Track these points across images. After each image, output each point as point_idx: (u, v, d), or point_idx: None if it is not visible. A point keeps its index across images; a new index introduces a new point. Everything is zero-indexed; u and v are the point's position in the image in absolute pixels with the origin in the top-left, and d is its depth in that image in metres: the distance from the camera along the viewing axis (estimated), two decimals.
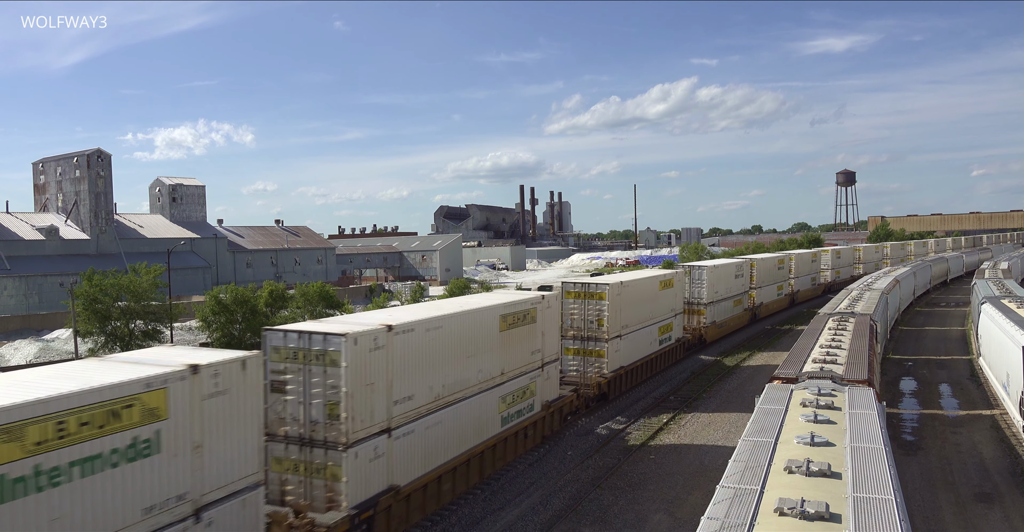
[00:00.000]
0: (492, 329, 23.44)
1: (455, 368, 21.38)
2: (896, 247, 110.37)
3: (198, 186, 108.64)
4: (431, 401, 20.20)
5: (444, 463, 20.64)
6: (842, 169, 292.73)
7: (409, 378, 19.21)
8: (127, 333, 42.62)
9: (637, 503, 21.34)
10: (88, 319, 41.98)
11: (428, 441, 19.99)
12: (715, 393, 34.87)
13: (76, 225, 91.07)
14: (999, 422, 28.59)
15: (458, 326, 21.57)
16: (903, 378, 37.25)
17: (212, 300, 46.89)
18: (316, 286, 55.02)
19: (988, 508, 20.31)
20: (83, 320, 42.32)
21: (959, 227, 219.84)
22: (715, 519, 9.26)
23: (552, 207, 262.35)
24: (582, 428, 29.35)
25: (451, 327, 21.20)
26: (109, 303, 42.00)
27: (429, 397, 20.10)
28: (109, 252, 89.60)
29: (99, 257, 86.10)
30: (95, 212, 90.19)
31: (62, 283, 75.85)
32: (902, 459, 23.92)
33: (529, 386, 25.99)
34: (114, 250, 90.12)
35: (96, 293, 41.85)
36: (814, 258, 76.88)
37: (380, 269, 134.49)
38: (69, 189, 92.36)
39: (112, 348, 42.54)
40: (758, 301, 58.10)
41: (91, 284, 42.17)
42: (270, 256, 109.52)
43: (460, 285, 69.37)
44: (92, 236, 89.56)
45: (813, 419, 13.55)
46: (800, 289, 70.00)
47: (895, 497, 9.69)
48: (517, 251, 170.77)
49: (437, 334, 20.42)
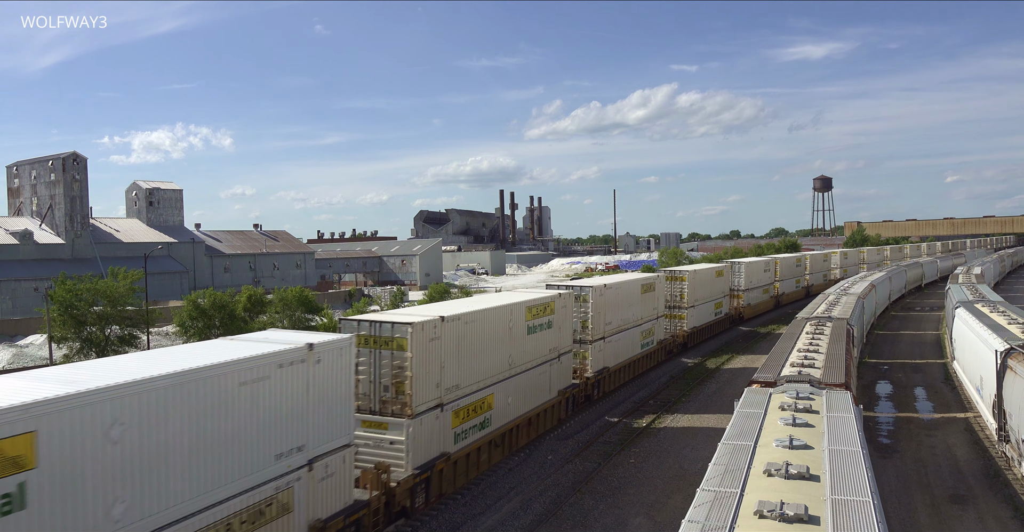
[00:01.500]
0: (520, 321, 26.64)
1: (491, 354, 24.51)
2: (872, 252, 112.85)
3: (175, 190, 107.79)
4: (473, 382, 23.33)
5: (482, 436, 23.77)
6: (819, 175, 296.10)
7: (456, 362, 22.35)
8: (103, 339, 42.15)
9: (617, 507, 21.42)
10: (63, 324, 41.47)
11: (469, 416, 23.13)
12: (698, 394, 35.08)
13: (51, 229, 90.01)
14: (973, 425, 29.00)
15: (494, 318, 24.73)
16: (879, 381, 37.68)
17: (190, 305, 46.52)
18: (295, 291, 54.74)
19: (962, 509, 20.59)
20: (58, 325, 41.79)
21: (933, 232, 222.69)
22: (695, 522, 9.33)
23: (532, 212, 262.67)
24: (562, 433, 29.42)
25: (488, 319, 24.32)
26: (85, 308, 41.53)
27: (471, 379, 23.21)
28: (85, 257, 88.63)
29: (74, 262, 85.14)
30: (70, 216, 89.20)
31: (36, 288, 74.94)
32: (878, 461, 24.19)
33: (548, 371, 29.06)
34: (90, 255, 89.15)
35: (71, 298, 41.36)
36: (798, 262, 79.28)
37: (359, 274, 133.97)
38: (44, 193, 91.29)
39: (88, 354, 42.05)
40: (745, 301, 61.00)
41: (66, 289, 41.68)
42: (248, 261, 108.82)
43: (440, 290, 69.27)
44: (67, 240, 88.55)
45: (791, 422, 13.69)
46: (785, 292, 72.94)
47: (872, 499, 9.81)
48: (497, 256, 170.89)
49: (477, 325, 23.55)
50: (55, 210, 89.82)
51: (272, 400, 14.91)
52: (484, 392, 23.94)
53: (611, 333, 35.33)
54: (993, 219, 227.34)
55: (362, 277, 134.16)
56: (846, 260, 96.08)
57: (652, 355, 42.04)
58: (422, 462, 20.47)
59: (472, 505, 21.80)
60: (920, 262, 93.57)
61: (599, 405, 33.90)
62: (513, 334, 25.95)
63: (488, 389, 24.16)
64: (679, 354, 46.82)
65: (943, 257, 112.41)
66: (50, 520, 10.57)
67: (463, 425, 22.68)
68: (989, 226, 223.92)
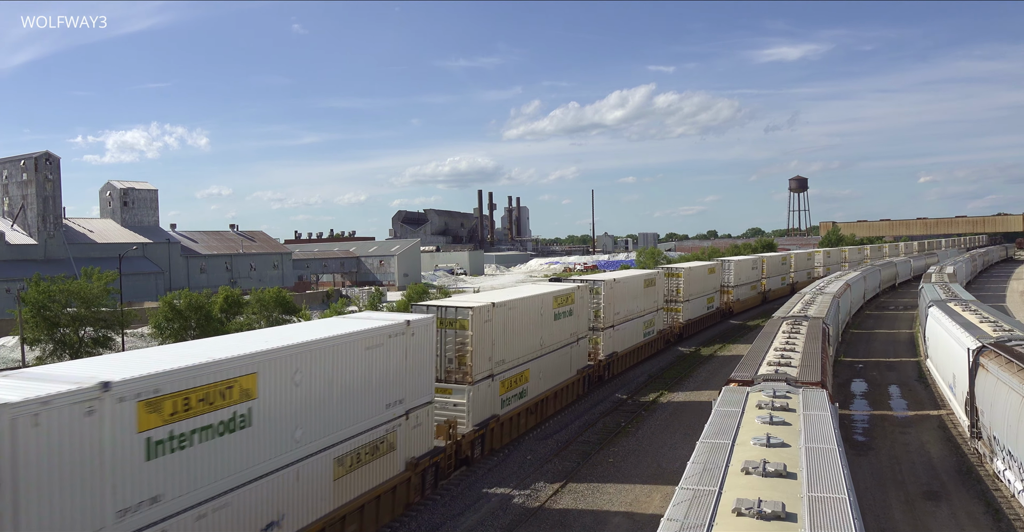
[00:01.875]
0: (549, 308, 30.93)
1: (528, 335, 28.99)
2: (854, 251, 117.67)
3: (150, 190, 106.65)
4: (515, 358, 27.87)
5: (521, 404, 28.06)
6: (795, 175, 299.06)
7: (503, 340, 26.79)
8: (76, 340, 41.65)
9: (597, 506, 21.49)
10: (36, 326, 40.93)
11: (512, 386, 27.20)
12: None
13: (23, 230, 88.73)
14: (946, 422, 29.41)
15: (530, 305, 29.21)
16: (854, 380, 38.10)
17: (166, 306, 46.11)
18: (272, 292, 54.44)
19: (936, 506, 20.88)
20: (30, 327, 41.23)
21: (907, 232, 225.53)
22: (675, 520, 9.40)
23: (510, 212, 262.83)
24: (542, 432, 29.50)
25: (526, 306, 28.83)
26: (58, 310, 41.01)
27: (513, 355, 27.74)
28: (57, 257, 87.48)
29: (47, 263, 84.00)
30: (43, 216, 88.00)
31: (8, 289, 73.77)
32: (854, 459, 24.46)
33: (569, 353, 33.31)
34: (63, 255, 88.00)
35: (44, 299, 40.83)
36: (784, 261, 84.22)
37: (337, 274, 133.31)
38: (16, 193, 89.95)
39: (61, 356, 41.52)
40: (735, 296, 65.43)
41: (39, 290, 41.13)
42: (225, 261, 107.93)
43: (418, 290, 69.11)
44: (40, 241, 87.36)
45: (769, 421, 13.81)
46: (772, 288, 76.95)
47: (848, 496, 9.93)
48: (475, 256, 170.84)
49: (518, 311, 28.13)
50: (27, 210, 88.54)
51: (384, 362, 19.31)
52: (522, 367, 28.36)
53: (619, 322, 39.30)
54: (965, 219, 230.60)
55: (340, 278, 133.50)
56: (829, 259, 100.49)
57: (653, 343, 45.85)
58: (479, 421, 24.94)
59: (451, 505, 21.82)
60: (894, 262, 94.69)
61: (610, 384, 38.13)
62: (543, 319, 30.39)
63: (525, 365, 28.61)
64: (676, 343, 50.21)
65: (916, 257, 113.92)
66: (264, 436, 15.16)
67: (507, 393, 27.28)
68: (961, 226, 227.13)
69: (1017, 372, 19.31)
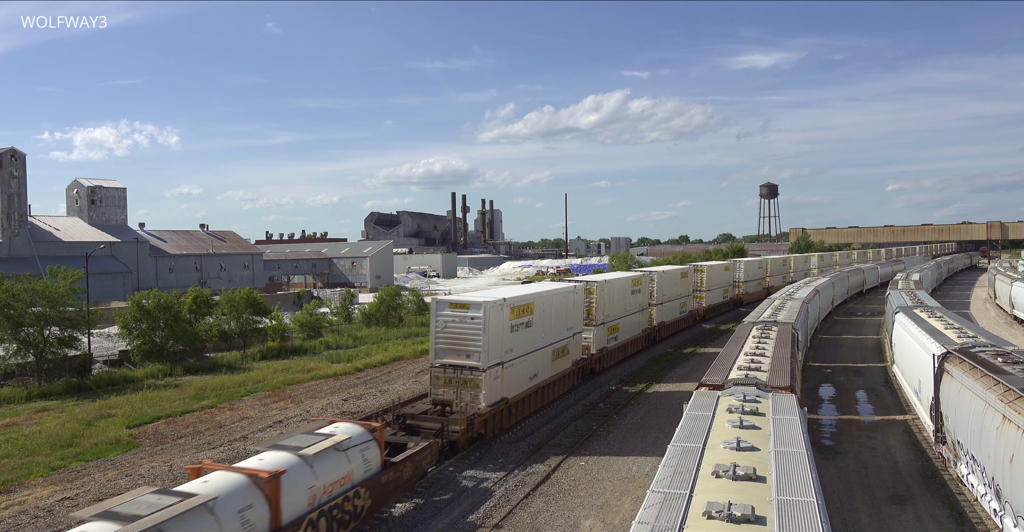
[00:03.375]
0: (629, 286, 46.09)
1: (619, 304, 43.90)
2: (844, 255, 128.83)
3: (119, 188, 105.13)
4: (614, 316, 43.20)
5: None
6: (765, 182, 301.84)
7: (607, 304, 41.92)
8: (41, 340, 40.90)
9: (568, 509, 21.52)
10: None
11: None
12: None
13: None
14: (911, 427, 29.84)
15: (620, 284, 44.31)
16: (822, 385, 38.55)
17: (134, 306, 45.45)
18: (243, 292, 53.87)
19: (901, 509, 21.17)
20: None
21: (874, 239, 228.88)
22: (646, 523, 9.45)
23: (484, 215, 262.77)
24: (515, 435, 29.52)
25: (619, 284, 44.00)
26: (22, 309, 40.23)
27: (612, 314, 42.88)
28: (22, 256, 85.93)
29: (11, 261, 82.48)
30: (7, 214, 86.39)
31: None
32: (822, 463, 24.74)
33: (640, 317, 48.95)
34: (28, 254, 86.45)
35: (8, 298, 40.03)
36: (784, 262, 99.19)
37: (309, 276, 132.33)
38: None
39: (25, 356, 40.74)
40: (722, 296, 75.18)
41: (2, 289, 40.31)
42: (194, 261, 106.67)
43: (391, 292, 68.85)
44: (4, 239, 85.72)
45: (739, 425, 13.93)
46: (748, 291, 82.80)
47: (816, 499, 10.05)
48: (448, 258, 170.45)
49: (614, 286, 43.09)
50: None
51: (567, 305, 35.20)
52: (615, 321, 43.63)
53: (665, 300, 54.44)
54: (931, 227, 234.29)
55: (311, 279, 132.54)
56: (822, 262, 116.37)
57: (686, 318, 60.96)
58: (598, 348, 40.57)
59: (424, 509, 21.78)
60: (861, 268, 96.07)
61: (660, 343, 52.34)
62: (626, 293, 45.25)
63: (617, 320, 43.84)
64: (700, 322, 66.23)
65: (883, 263, 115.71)
66: (535, 334, 31.43)
67: (609, 336, 42.73)
68: (927, 234, 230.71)
69: (980, 378, 19.65)
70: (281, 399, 36.93)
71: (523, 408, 31.35)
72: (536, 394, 32.48)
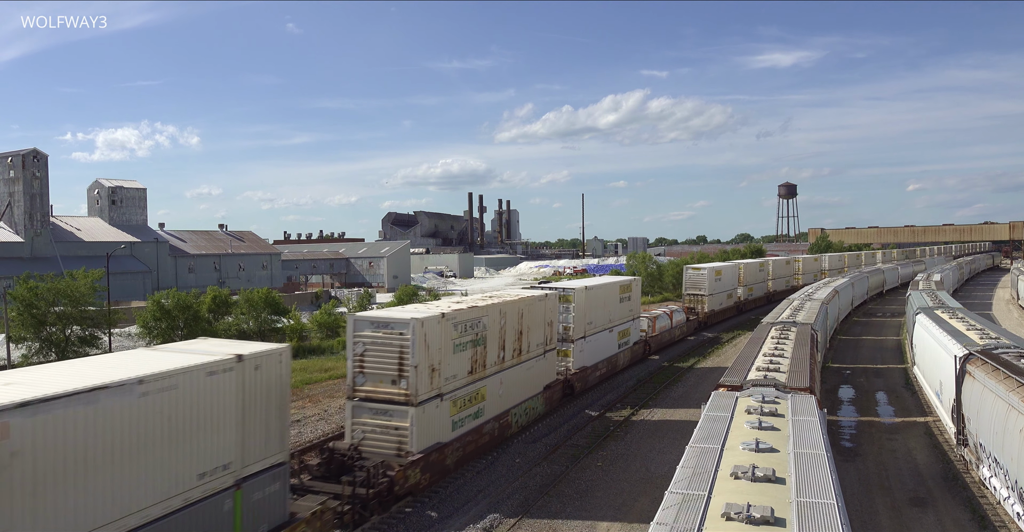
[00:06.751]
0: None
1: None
2: (869, 255, 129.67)
3: (139, 188, 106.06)
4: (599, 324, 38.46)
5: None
6: (784, 182, 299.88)
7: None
8: (63, 339, 41.36)
9: (586, 510, 21.49)
10: (23, 324, 40.62)
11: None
12: None
13: (9, 227, 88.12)
14: (932, 429, 29.55)
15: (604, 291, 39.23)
16: (842, 386, 38.25)
17: (154, 305, 45.88)
18: (261, 292, 54.23)
19: (922, 512, 20.97)
20: (16, 325, 40.92)
21: (894, 240, 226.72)
22: (664, 524, 9.41)
23: (501, 215, 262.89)
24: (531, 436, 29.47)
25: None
26: (45, 308, 40.71)
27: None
28: (44, 255, 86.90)
29: (33, 260, 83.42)
30: (30, 214, 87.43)
31: None
32: (841, 464, 24.53)
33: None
34: (49, 253, 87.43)
35: (31, 298, 40.53)
36: (816, 260, 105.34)
37: (326, 275, 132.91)
38: (2, 190, 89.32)
39: (47, 355, 41.22)
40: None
41: (27, 288, 40.82)
42: (213, 261, 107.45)
43: (408, 292, 69.11)
44: (26, 239, 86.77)
45: (758, 426, 13.85)
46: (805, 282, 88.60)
47: (836, 501, 9.96)
48: (465, 259, 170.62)
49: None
50: (14, 208, 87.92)
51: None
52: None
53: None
54: (952, 227, 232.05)
55: (329, 279, 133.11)
56: (835, 263, 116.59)
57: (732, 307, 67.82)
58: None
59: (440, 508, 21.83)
60: (881, 269, 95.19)
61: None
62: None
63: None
64: (742, 313, 70.93)
65: (904, 264, 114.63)
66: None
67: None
68: (948, 234, 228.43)
69: (1003, 380, 19.43)
70: (299, 398, 37.13)
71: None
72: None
